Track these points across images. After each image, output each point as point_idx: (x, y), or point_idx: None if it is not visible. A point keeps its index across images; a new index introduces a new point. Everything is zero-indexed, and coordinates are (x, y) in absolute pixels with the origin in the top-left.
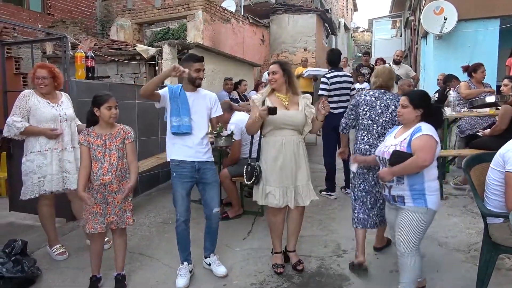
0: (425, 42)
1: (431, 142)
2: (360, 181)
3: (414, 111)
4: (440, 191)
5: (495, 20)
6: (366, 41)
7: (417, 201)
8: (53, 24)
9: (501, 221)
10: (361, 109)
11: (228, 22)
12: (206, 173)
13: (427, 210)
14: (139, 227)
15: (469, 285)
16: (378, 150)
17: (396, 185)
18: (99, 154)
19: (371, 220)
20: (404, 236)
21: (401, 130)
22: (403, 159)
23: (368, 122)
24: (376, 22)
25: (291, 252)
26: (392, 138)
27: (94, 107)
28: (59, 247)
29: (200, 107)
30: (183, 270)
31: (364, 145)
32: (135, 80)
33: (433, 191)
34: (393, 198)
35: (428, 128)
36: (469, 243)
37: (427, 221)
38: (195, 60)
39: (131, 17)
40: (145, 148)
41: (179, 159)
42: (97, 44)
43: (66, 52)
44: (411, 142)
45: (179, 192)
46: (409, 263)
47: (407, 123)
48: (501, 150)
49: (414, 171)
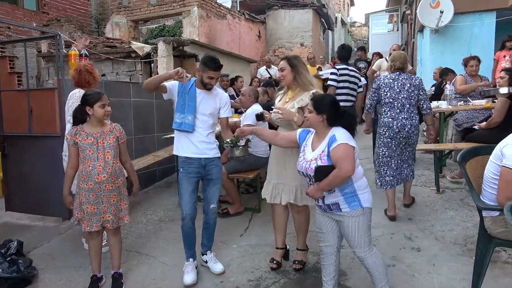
0: (422, 36)
1: (348, 151)
2: (384, 149)
3: (318, 116)
4: (437, 184)
5: (491, 13)
6: (363, 36)
7: (352, 204)
8: (48, 22)
9: (496, 214)
10: (382, 90)
11: (224, 18)
12: (212, 170)
13: (363, 210)
14: (136, 225)
15: (465, 278)
16: (300, 166)
17: (328, 194)
18: (91, 152)
19: (395, 180)
20: (355, 242)
21: (315, 139)
22: (327, 173)
23: (390, 100)
24: (373, 16)
25: (298, 250)
26: (309, 150)
27: (86, 106)
28: None
29: (208, 106)
30: (189, 267)
31: (387, 118)
32: (131, 78)
33: (363, 189)
34: (328, 207)
35: (342, 136)
36: (466, 236)
37: (367, 219)
38: (212, 68)
39: (126, 14)
40: (141, 145)
41: (186, 155)
42: (92, 42)
43: (59, 51)
44: (329, 153)
45: (186, 189)
46: (372, 261)
47: (314, 128)
48: (501, 143)
49: (341, 183)
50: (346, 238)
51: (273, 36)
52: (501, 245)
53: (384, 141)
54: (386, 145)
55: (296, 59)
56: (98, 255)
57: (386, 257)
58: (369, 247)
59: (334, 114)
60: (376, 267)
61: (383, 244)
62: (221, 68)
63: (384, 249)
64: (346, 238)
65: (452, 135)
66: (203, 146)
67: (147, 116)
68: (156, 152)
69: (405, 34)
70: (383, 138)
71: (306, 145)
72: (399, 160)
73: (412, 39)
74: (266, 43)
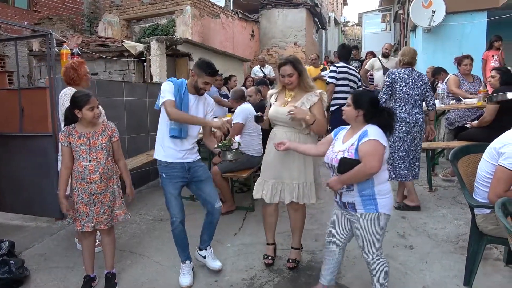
0: (414, 36)
1: (377, 147)
2: (400, 143)
3: (355, 111)
4: (429, 183)
5: (483, 12)
6: (356, 35)
7: (368, 207)
8: (39, 21)
9: (488, 211)
10: (398, 85)
11: (217, 17)
12: (198, 171)
13: (378, 215)
14: (129, 225)
15: (457, 275)
16: (327, 157)
17: (346, 191)
18: (83, 153)
19: (410, 173)
20: (365, 243)
21: (348, 133)
22: (351, 167)
23: (405, 96)
24: (366, 16)
25: (292, 248)
26: (340, 142)
27: (75, 109)
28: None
29: (198, 111)
30: (186, 269)
31: (404, 114)
32: (124, 77)
33: (384, 194)
34: (344, 205)
35: (375, 132)
36: (458, 234)
37: (381, 225)
38: (208, 74)
39: (119, 13)
40: (134, 145)
41: (168, 161)
42: (85, 40)
43: (51, 49)
44: (358, 147)
45: (171, 193)
46: (378, 265)
47: (349, 122)
48: (495, 143)
49: (362, 179)
50: (356, 237)
51: (267, 35)
52: (493, 242)
53: (400, 136)
54: (402, 140)
55: (299, 62)
56: (91, 255)
57: None
58: (378, 251)
59: (372, 112)
60: (379, 272)
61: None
62: (217, 74)
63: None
64: (356, 237)
65: (444, 134)
66: (186, 152)
67: (140, 115)
68: (149, 152)
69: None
70: (399, 133)
71: (337, 139)
72: (413, 156)
73: (404, 39)
74: (259, 42)
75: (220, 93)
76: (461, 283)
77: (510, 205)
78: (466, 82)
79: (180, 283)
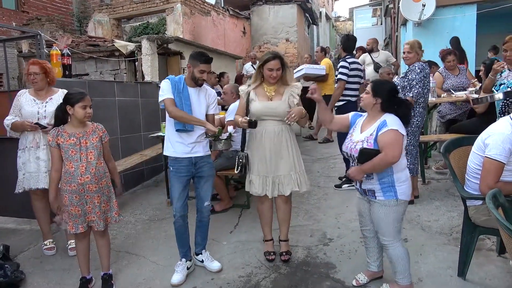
0: (405, 30)
1: (397, 137)
2: (411, 137)
3: (373, 99)
4: (422, 175)
5: (472, 5)
6: (347, 30)
7: (387, 194)
8: (28, 21)
9: (480, 203)
10: (427, 80)
11: (208, 14)
12: (203, 167)
13: (397, 201)
14: (124, 225)
15: (451, 267)
16: (346, 146)
17: (366, 179)
18: (73, 153)
19: (415, 168)
20: (383, 230)
21: (366, 122)
22: (371, 157)
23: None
24: (357, 11)
25: (282, 241)
26: (358, 132)
27: (67, 105)
28: (49, 242)
29: (201, 103)
30: (180, 267)
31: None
32: (115, 77)
33: (402, 182)
34: (364, 192)
35: (393, 122)
36: (451, 225)
37: (399, 211)
38: (202, 61)
39: (109, 12)
40: (127, 145)
41: (176, 156)
42: (75, 41)
43: (40, 50)
44: (377, 137)
45: (176, 187)
46: (395, 253)
47: (367, 109)
48: (482, 135)
49: (384, 168)
50: (374, 223)
51: (258, 32)
52: (485, 233)
53: (413, 131)
54: (413, 134)
55: (284, 57)
56: (86, 257)
57: None
58: (396, 238)
59: (390, 101)
60: (397, 259)
61: None
62: (211, 61)
63: None
64: (374, 223)
65: (436, 127)
66: (194, 146)
67: (133, 115)
68: (143, 151)
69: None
70: (413, 127)
71: (356, 127)
72: (416, 151)
73: (395, 33)
74: (251, 39)
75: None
76: (455, 274)
77: (501, 196)
78: (451, 76)
79: (171, 280)
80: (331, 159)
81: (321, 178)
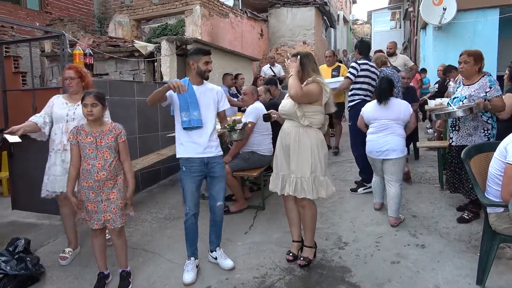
0: (425, 33)
1: None
2: None
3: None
4: (441, 182)
5: (495, 9)
6: (365, 33)
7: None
8: (51, 22)
9: (501, 210)
10: None
11: (226, 16)
12: (215, 167)
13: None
14: (141, 223)
15: (470, 275)
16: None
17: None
18: (90, 151)
19: None
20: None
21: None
22: None
23: None
24: (375, 14)
25: (305, 246)
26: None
27: None
28: (69, 251)
29: (208, 100)
30: (190, 266)
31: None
32: (134, 77)
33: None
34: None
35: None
36: (470, 233)
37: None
38: (204, 53)
39: (129, 13)
40: (145, 144)
41: (187, 156)
42: (95, 41)
43: (64, 50)
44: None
45: (189, 187)
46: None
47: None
48: (505, 141)
49: None
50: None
51: (276, 34)
52: (506, 241)
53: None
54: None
55: (306, 56)
56: (103, 253)
57: (390, 253)
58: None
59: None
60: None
61: (388, 241)
62: (210, 53)
63: (389, 246)
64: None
65: None
66: (206, 145)
67: (151, 114)
68: (160, 151)
69: (408, 32)
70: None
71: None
72: None
73: (415, 37)
74: (268, 41)
75: (230, 92)
76: (474, 282)
77: None
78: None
79: (183, 279)
80: (347, 163)
81: (336, 182)
